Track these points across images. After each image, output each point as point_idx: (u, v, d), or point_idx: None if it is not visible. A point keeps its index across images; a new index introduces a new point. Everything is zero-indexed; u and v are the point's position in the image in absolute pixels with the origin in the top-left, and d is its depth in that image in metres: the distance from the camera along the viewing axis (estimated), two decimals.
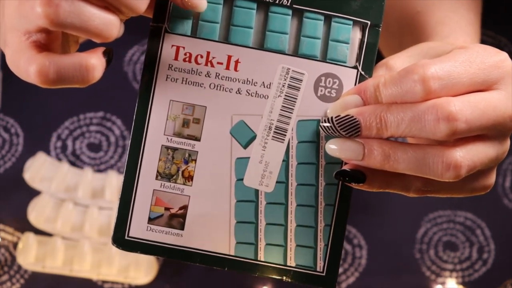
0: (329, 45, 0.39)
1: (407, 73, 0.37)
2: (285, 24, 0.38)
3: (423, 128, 0.37)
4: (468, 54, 0.39)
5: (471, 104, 0.38)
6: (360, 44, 0.39)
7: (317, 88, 0.39)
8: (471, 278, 0.66)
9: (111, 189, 0.65)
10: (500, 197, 0.66)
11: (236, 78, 0.38)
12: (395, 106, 0.38)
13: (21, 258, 0.64)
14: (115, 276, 0.64)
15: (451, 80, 0.38)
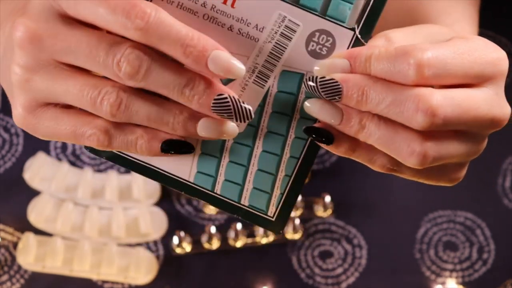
0: (332, 1, 0.38)
1: (403, 54, 0.37)
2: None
3: (401, 114, 0.38)
4: (468, 46, 0.39)
5: (454, 101, 0.38)
6: (364, 7, 0.38)
7: (308, 43, 0.39)
8: (471, 278, 0.66)
9: (111, 189, 0.65)
10: (500, 197, 0.66)
11: (231, 14, 0.38)
12: (380, 83, 0.38)
13: (21, 258, 0.64)
14: (115, 276, 0.64)
15: (445, 70, 0.38)
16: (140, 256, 0.65)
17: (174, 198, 0.66)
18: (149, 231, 0.64)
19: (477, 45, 0.39)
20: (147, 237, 0.65)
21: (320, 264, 0.66)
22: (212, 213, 0.66)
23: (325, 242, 0.66)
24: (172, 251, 0.65)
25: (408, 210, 0.66)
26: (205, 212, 0.66)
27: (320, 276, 0.65)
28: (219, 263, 0.65)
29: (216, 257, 0.65)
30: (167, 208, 0.66)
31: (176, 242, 0.64)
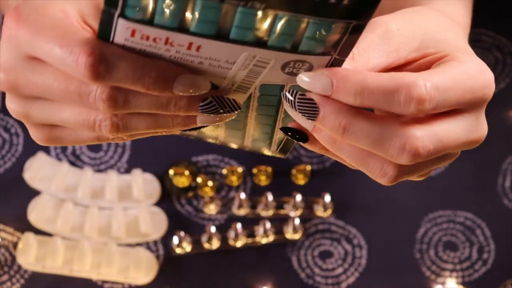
0: (303, 41, 0.35)
1: (402, 86, 0.35)
2: (253, 21, 0.34)
3: (384, 151, 0.37)
4: (464, 72, 0.37)
5: (437, 137, 0.37)
6: (338, 41, 0.35)
7: (284, 68, 0.37)
8: (471, 278, 0.66)
9: (111, 189, 0.65)
10: (500, 197, 0.66)
11: (198, 55, 0.36)
12: (362, 118, 0.36)
13: (21, 258, 0.64)
14: (115, 276, 0.64)
15: (443, 102, 0.37)
16: (140, 256, 0.65)
17: (174, 198, 0.66)
18: (149, 231, 0.64)
19: (471, 70, 0.38)
20: (147, 237, 0.65)
21: (320, 264, 0.66)
22: (212, 213, 0.66)
23: (325, 242, 0.66)
24: (172, 251, 0.65)
25: (408, 210, 0.66)
26: (205, 212, 0.66)
27: (320, 276, 0.65)
28: (219, 263, 0.65)
29: (216, 257, 0.65)
30: (167, 208, 0.66)
31: (176, 242, 0.64)
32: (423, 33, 0.41)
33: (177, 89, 0.36)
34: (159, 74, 0.35)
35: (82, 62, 0.34)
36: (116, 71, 0.35)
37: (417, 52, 0.40)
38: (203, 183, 0.65)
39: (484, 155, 0.66)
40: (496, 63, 0.67)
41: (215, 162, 0.66)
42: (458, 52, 0.40)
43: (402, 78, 0.36)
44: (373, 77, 0.36)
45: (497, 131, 0.66)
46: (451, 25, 0.44)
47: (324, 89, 0.36)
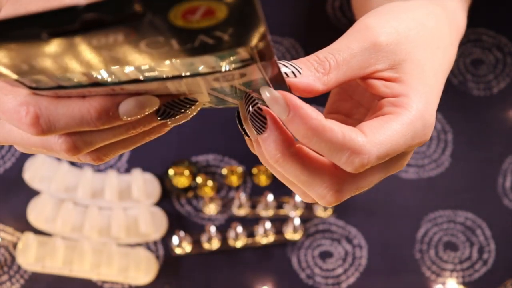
0: (220, 65, 0.34)
1: (346, 150, 0.37)
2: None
3: (308, 191, 0.40)
4: (407, 134, 0.39)
5: (355, 189, 0.40)
6: (249, 59, 0.33)
7: (218, 79, 0.36)
8: (471, 278, 0.66)
9: (110, 189, 0.65)
10: (500, 197, 0.66)
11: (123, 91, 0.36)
12: (296, 160, 0.38)
13: (21, 258, 0.64)
14: (115, 276, 0.64)
15: (377, 162, 0.39)
16: (140, 256, 0.65)
17: (174, 198, 0.66)
18: (149, 231, 0.64)
19: (416, 129, 0.40)
20: (147, 237, 0.65)
21: (320, 264, 0.66)
22: (212, 213, 0.66)
23: (325, 242, 0.66)
24: (172, 251, 0.65)
25: (408, 210, 0.66)
26: (205, 212, 0.66)
27: (320, 276, 0.65)
28: (219, 263, 0.65)
29: (216, 257, 0.65)
30: (167, 208, 0.66)
31: (176, 242, 0.64)
32: (405, 49, 0.42)
33: (125, 116, 0.35)
34: (98, 111, 0.35)
35: (25, 123, 0.35)
36: (57, 122, 0.35)
37: (389, 67, 0.41)
38: (203, 183, 0.65)
39: (485, 155, 0.66)
40: (496, 63, 0.67)
41: (215, 162, 0.66)
42: (415, 83, 0.41)
43: (352, 140, 0.37)
44: (327, 128, 0.37)
45: (497, 131, 0.66)
46: (436, 33, 0.44)
47: (279, 114, 0.37)
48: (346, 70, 0.40)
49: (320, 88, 0.40)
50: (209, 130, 0.66)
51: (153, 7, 0.26)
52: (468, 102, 0.66)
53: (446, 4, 0.48)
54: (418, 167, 0.66)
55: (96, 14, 0.27)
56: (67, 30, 0.28)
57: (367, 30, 0.41)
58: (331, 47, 0.41)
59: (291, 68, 0.39)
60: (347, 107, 0.47)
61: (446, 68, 0.45)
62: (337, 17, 0.66)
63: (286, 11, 0.66)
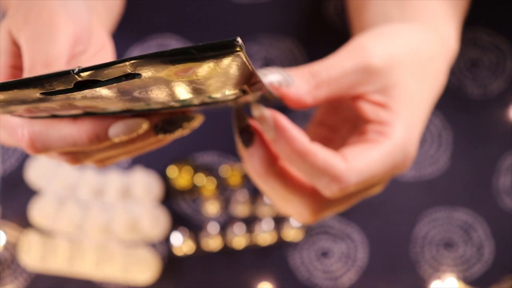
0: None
1: (326, 176, 0.38)
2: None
3: (286, 209, 0.42)
4: (387, 164, 0.41)
5: (330, 212, 0.43)
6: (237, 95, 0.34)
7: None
8: (470, 276, 0.66)
9: (112, 188, 0.65)
10: (499, 194, 0.66)
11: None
12: (279, 181, 0.40)
13: (23, 257, 0.65)
14: (116, 275, 0.64)
15: (362, 185, 0.41)
16: (141, 256, 0.65)
17: (174, 198, 0.66)
18: (150, 230, 0.65)
19: (397, 160, 0.41)
20: (148, 236, 0.65)
21: (320, 264, 0.66)
22: (212, 213, 0.66)
23: (325, 242, 0.66)
24: (172, 251, 0.65)
25: (407, 209, 0.66)
26: (205, 212, 0.66)
27: (320, 276, 0.66)
28: (219, 263, 0.65)
29: (216, 257, 0.65)
30: (168, 208, 0.66)
31: (177, 242, 0.64)
32: (397, 74, 0.42)
33: (116, 138, 0.36)
34: (89, 136, 0.35)
35: (23, 144, 0.36)
36: (51, 145, 0.36)
37: (378, 90, 0.42)
38: (203, 183, 0.65)
39: (483, 154, 0.66)
40: (496, 63, 0.67)
41: (215, 161, 0.66)
42: (401, 112, 0.42)
43: (332, 166, 0.38)
44: (311, 152, 0.38)
45: (495, 131, 0.66)
46: (429, 62, 0.45)
47: (266, 132, 0.38)
48: (336, 88, 0.41)
49: (309, 102, 0.41)
50: (210, 130, 0.66)
51: (146, 70, 0.27)
52: (466, 103, 0.66)
53: (441, 30, 0.48)
54: (417, 167, 0.66)
55: (90, 76, 0.27)
56: (62, 90, 0.28)
57: (363, 50, 0.41)
58: (325, 62, 0.42)
59: (284, 76, 0.40)
60: (333, 121, 0.47)
61: (434, 98, 0.45)
62: (337, 17, 0.66)
63: (286, 11, 0.66)
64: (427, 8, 0.49)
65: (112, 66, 0.26)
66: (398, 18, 0.50)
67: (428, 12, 0.49)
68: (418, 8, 0.49)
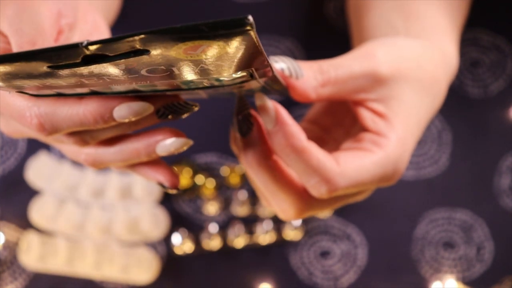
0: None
1: (317, 176, 0.39)
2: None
3: (273, 204, 0.43)
4: (379, 174, 0.41)
5: (313, 212, 0.43)
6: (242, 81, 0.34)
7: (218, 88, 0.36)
8: (470, 277, 0.66)
9: (112, 189, 0.65)
10: (499, 195, 0.66)
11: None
12: (269, 175, 0.40)
13: (23, 257, 0.65)
14: (116, 275, 0.64)
15: (350, 191, 0.41)
16: (141, 256, 0.65)
17: (174, 198, 0.66)
18: (150, 230, 0.65)
19: (387, 173, 0.42)
20: (148, 236, 0.65)
21: (320, 264, 0.66)
22: (212, 213, 0.66)
23: (325, 241, 0.66)
24: (172, 251, 0.65)
25: (407, 209, 0.66)
26: (205, 212, 0.66)
27: (320, 275, 0.66)
28: (219, 263, 0.65)
29: (216, 257, 0.65)
30: (168, 208, 0.66)
31: (177, 242, 0.64)
32: (399, 87, 0.43)
33: (120, 119, 0.36)
34: (94, 116, 0.35)
35: (33, 128, 0.36)
36: (60, 125, 0.36)
37: (379, 99, 0.42)
38: (203, 183, 0.65)
39: (483, 155, 0.66)
40: (495, 63, 0.67)
41: (215, 162, 0.66)
42: (398, 126, 0.42)
43: (324, 168, 0.39)
44: (306, 150, 0.39)
45: (496, 131, 0.66)
46: (431, 79, 0.46)
47: (266, 122, 0.39)
48: (341, 89, 0.41)
49: (312, 97, 0.41)
50: (210, 130, 0.66)
51: (155, 47, 0.27)
52: (467, 102, 0.66)
53: (445, 49, 0.49)
54: (417, 167, 0.66)
55: (98, 50, 0.27)
56: (69, 64, 0.28)
57: (373, 58, 0.42)
58: (335, 61, 0.42)
59: (294, 66, 0.40)
60: (327, 122, 0.47)
61: (431, 115, 0.46)
62: (337, 17, 0.66)
63: (286, 11, 0.66)
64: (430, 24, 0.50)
65: (121, 40, 0.26)
66: (402, 29, 0.50)
67: (432, 28, 0.50)
68: (422, 21, 0.50)
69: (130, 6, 0.64)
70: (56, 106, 0.35)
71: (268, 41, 0.66)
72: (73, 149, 0.41)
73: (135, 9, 0.65)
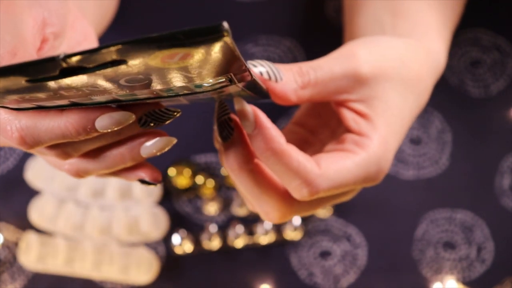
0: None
1: (298, 178, 0.39)
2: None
3: (256, 207, 0.43)
4: (362, 174, 0.41)
5: (299, 214, 0.43)
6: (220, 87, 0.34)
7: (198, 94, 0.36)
8: (470, 277, 0.66)
9: (112, 189, 0.65)
10: (499, 196, 0.66)
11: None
12: (247, 176, 0.40)
13: (23, 257, 0.65)
14: (115, 275, 0.64)
15: (332, 192, 0.41)
16: (141, 256, 0.65)
17: (174, 198, 0.66)
18: (149, 230, 0.65)
19: (370, 173, 0.42)
20: (148, 237, 0.65)
21: (320, 264, 0.66)
22: (212, 213, 0.66)
23: (325, 241, 0.66)
24: (172, 251, 0.65)
25: (407, 209, 0.66)
26: (205, 212, 0.66)
27: (320, 275, 0.66)
28: (219, 263, 0.65)
29: (216, 257, 0.65)
30: (168, 208, 0.66)
31: (177, 242, 0.64)
32: (381, 87, 0.42)
33: (102, 129, 0.35)
34: (76, 127, 0.35)
35: (14, 141, 0.36)
36: (41, 138, 0.36)
37: (361, 99, 0.42)
38: (203, 183, 0.65)
39: (483, 155, 0.66)
40: (496, 63, 0.67)
41: (215, 162, 0.66)
42: (381, 126, 0.42)
43: (305, 170, 0.39)
44: (286, 153, 0.39)
45: (495, 131, 0.66)
46: (415, 78, 0.46)
47: (245, 127, 0.39)
48: (321, 90, 0.41)
49: (293, 100, 0.41)
50: (209, 130, 0.66)
51: (132, 57, 0.26)
52: (467, 102, 0.67)
53: (431, 46, 0.49)
54: (417, 167, 0.66)
55: (76, 63, 0.27)
56: (47, 77, 0.28)
57: (354, 58, 0.42)
58: (315, 63, 0.42)
59: (272, 70, 0.40)
60: (313, 124, 0.47)
61: (415, 114, 0.46)
62: (337, 17, 0.66)
63: (286, 11, 0.66)
64: (419, 22, 0.50)
65: (98, 51, 0.26)
66: (389, 27, 0.50)
67: (420, 26, 0.50)
68: (410, 20, 0.50)
69: (127, 9, 0.64)
70: (37, 119, 0.35)
71: (268, 41, 0.66)
72: (55, 160, 0.40)
73: (132, 12, 0.65)
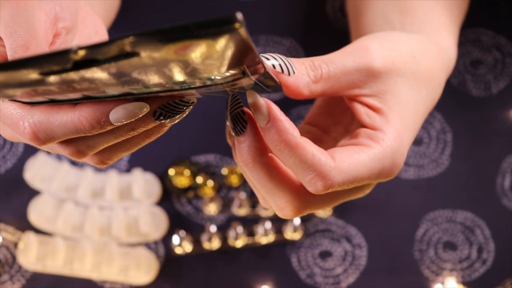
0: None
1: (312, 172, 0.38)
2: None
3: (269, 202, 0.42)
4: (376, 169, 0.41)
5: (310, 210, 0.42)
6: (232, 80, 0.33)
7: (209, 87, 0.36)
8: (470, 278, 0.66)
9: (111, 189, 0.65)
10: (500, 196, 0.66)
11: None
12: (265, 171, 0.39)
13: (22, 257, 0.64)
14: (115, 276, 0.64)
15: (347, 187, 0.40)
16: (140, 256, 0.65)
17: (174, 198, 0.66)
18: (149, 231, 0.65)
19: (385, 167, 0.41)
20: (147, 237, 0.65)
21: (320, 264, 0.66)
22: (212, 213, 0.66)
23: (325, 242, 0.66)
24: (172, 251, 0.65)
25: (407, 210, 0.66)
26: (205, 212, 0.66)
27: (320, 275, 0.66)
28: (219, 263, 0.65)
29: (216, 257, 0.65)
30: (167, 208, 0.66)
31: (176, 242, 0.64)
32: (394, 81, 0.42)
33: (117, 122, 0.35)
34: (90, 121, 0.35)
35: (26, 137, 0.36)
36: (54, 133, 0.35)
37: (373, 94, 0.42)
38: (203, 183, 0.65)
39: (484, 155, 0.66)
40: (496, 63, 0.67)
41: (215, 162, 0.66)
42: (394, 120, 0.42)
43: (320, 163, 0.38)
44: (300, 146, 0.38)
45: (496, 131, 0.66)
46: (427, 73, 0.46)
47: (258, 120, 0.38)
48: (334, 84, 0.41)
49: (305, 94, 0.41)
50: (209, 130, 0.66)
51: (145, 49, 0.26)
52: (468, 102, 0.67)
53: (441, 43, 0.49)
54: (418, 167, 0.66)
55: (88, 55, 0.27)
56: (60, 70, 0.28)
57: (366, 52, 0.41)
58: (327, 57, 0.42)
59: (285, 63, 0.40)
60: (326, 122, 0.47)
61: (428, 109, 0.46)
62: (337, 17, 0.66)
63: (286, 11, 0.66)
64: (428, 19, 0.50)
65: (110, 44, 0.26)
66: (398, 25, 0.50)
67: (429, 23, 0.49)
68: (419, 17, 0.50)
69: (129, 7, 0.64)
70: (50, 114, 0.35)
71: (268, 41, 0.66)
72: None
73: (134, 10, 0.65)
